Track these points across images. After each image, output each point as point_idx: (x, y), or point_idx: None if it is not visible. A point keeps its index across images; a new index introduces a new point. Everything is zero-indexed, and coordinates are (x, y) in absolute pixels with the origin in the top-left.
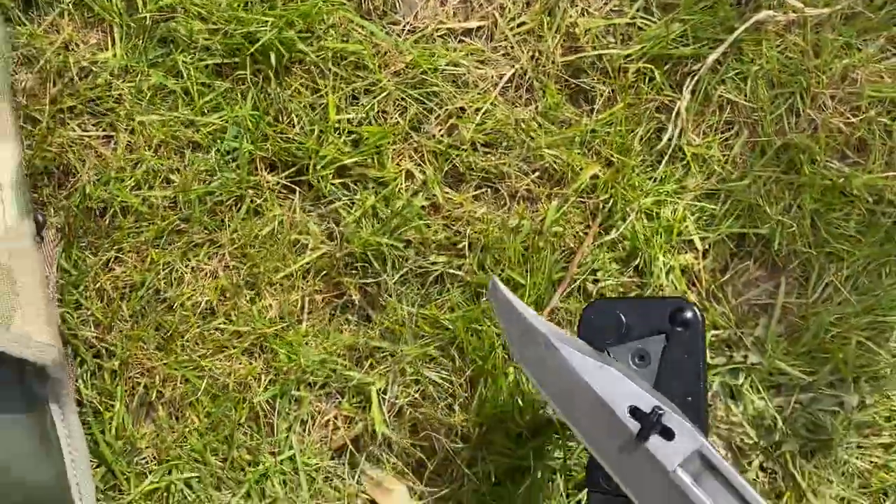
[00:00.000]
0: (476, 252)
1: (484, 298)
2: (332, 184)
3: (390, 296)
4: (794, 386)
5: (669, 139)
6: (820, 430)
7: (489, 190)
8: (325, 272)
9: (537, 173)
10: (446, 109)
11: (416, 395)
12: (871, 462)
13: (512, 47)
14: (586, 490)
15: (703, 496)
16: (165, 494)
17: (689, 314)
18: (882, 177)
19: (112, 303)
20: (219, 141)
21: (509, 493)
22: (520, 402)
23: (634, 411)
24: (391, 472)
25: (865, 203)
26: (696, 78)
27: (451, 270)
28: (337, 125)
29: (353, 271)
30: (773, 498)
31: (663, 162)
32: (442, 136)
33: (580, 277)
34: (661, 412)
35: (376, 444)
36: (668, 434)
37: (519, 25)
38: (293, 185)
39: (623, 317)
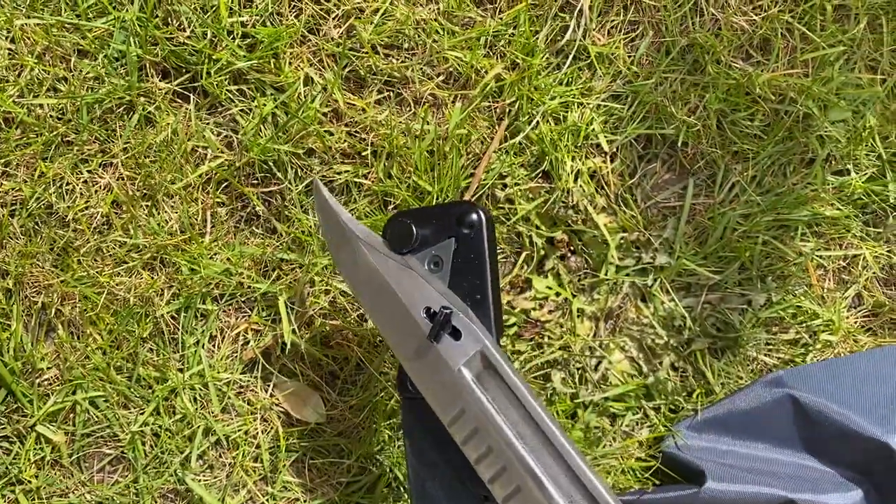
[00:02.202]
0: (381, 160)
1: (391, 207)
2: (228, 90)
3: (295, 206)
4: (702, 286)
5: (573, 37)
6: (728, 328)
7: (392, 95)
8: (226, 183)
9: (441, 77)
10: (343, 9)
11: (327, 306)
12: (779, 358)
13: None
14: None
15: (482, 394)
16: (71, 415)
17: (473, 216)
18: (784, 75)
19: (2, 219)
20: (106, 46)
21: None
22: None
23: (429, 312)
24: (304, 383)
25: (769, 102)
26: None
27: (357, 179)
28: (230, 28)
29: (255, 181)
30: (684, 396)
31: (568, 62)
32: (341, 37)
33: (488, 183)
34: (448, 311)
35: (287, 356)
36: (456, 334)
37: None
38: (186, 93)
39: (414, 227)
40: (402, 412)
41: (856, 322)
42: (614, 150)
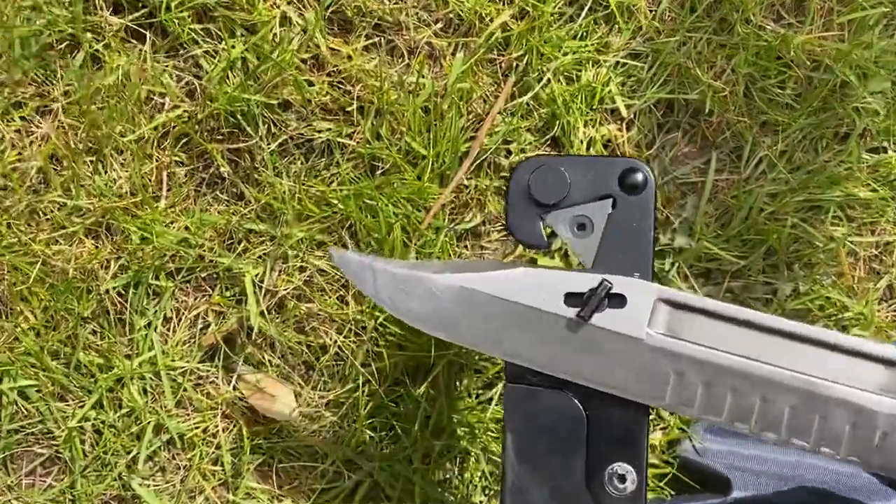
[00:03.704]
0: (369, 117)
1: (378, 172)
2: (191, 29)
3: (266, 168)
4: (724, 272)
5: None
6: None
7: (383, 41)
8: (186, 138)
9: (440, 23)
10: None
11: (302, 285)
12: None
13: None
14: (504, 383)
15: (692, 343)
16: None
17: (640, 177)
18: (819, 38)
19: None
20: None
21: (409, 394)
22: None
23: (572, 298)
24: (273, 375)
25: (802, 68)
26: None
27: (340, 139)
28: None
29: (220, 137)
30: None
31: (583, 13)
32: None
33: (490, 148)
34: (609, 284)
35: (254, 342)
36: (620, 301)
37: None
38: (142, 31)
39: (567, 176)
40: (509, 404)
41: (887, 316)
42: (632, 116)
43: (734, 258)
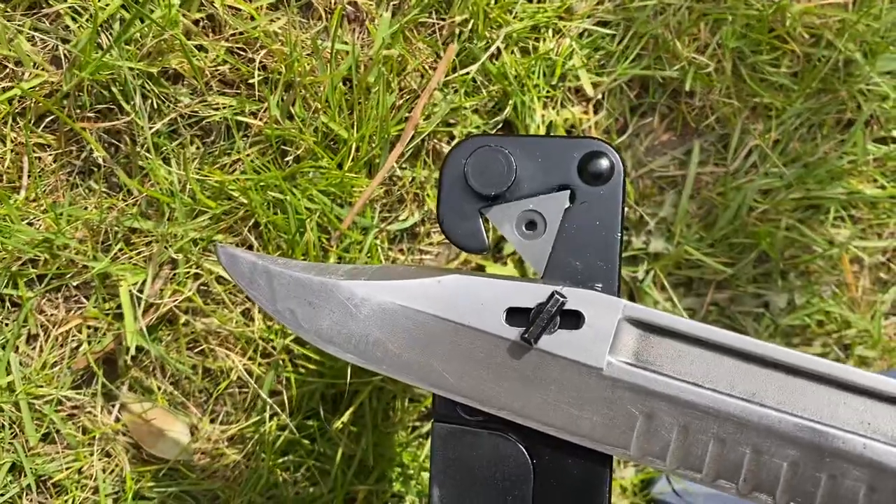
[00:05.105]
0: (277, 91)
1: (289, 159)
2: None
3: (150, 153)
4: (708, 282)
5: None
6: None
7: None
8: (50, 116)
9: None
10: None
11: (195, 298)
12: None
13: None
14: (432, 421)
15: (662, 379)
16: None
17: (605, 163)
18: (821, 6)
19: None
20: None
21: (323, 428)
22: None
23: (516, 314)
24: (164, 403)
25: (800, 43)
26: None
27: (242, 118)
28: None
29: (93, 114)
30: None
31: None
32: None
33: (426, 132)
34: (562, 298)
35: (140, 364)
36: (576, 320)
37: None
38: None
39: (514, 161)
40: (436, 448)
41: None
42: (599, 96)
43: (720, 265)
